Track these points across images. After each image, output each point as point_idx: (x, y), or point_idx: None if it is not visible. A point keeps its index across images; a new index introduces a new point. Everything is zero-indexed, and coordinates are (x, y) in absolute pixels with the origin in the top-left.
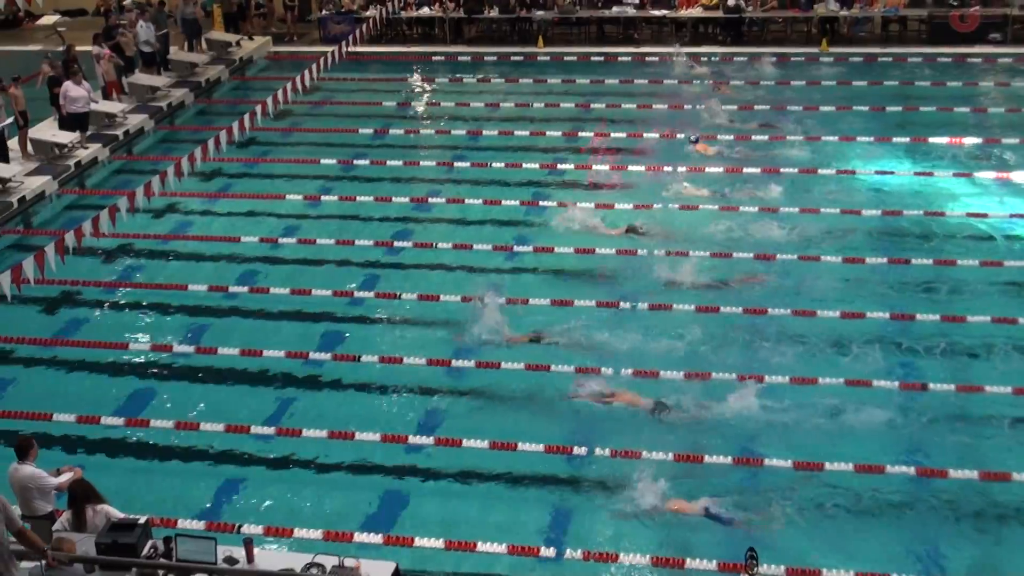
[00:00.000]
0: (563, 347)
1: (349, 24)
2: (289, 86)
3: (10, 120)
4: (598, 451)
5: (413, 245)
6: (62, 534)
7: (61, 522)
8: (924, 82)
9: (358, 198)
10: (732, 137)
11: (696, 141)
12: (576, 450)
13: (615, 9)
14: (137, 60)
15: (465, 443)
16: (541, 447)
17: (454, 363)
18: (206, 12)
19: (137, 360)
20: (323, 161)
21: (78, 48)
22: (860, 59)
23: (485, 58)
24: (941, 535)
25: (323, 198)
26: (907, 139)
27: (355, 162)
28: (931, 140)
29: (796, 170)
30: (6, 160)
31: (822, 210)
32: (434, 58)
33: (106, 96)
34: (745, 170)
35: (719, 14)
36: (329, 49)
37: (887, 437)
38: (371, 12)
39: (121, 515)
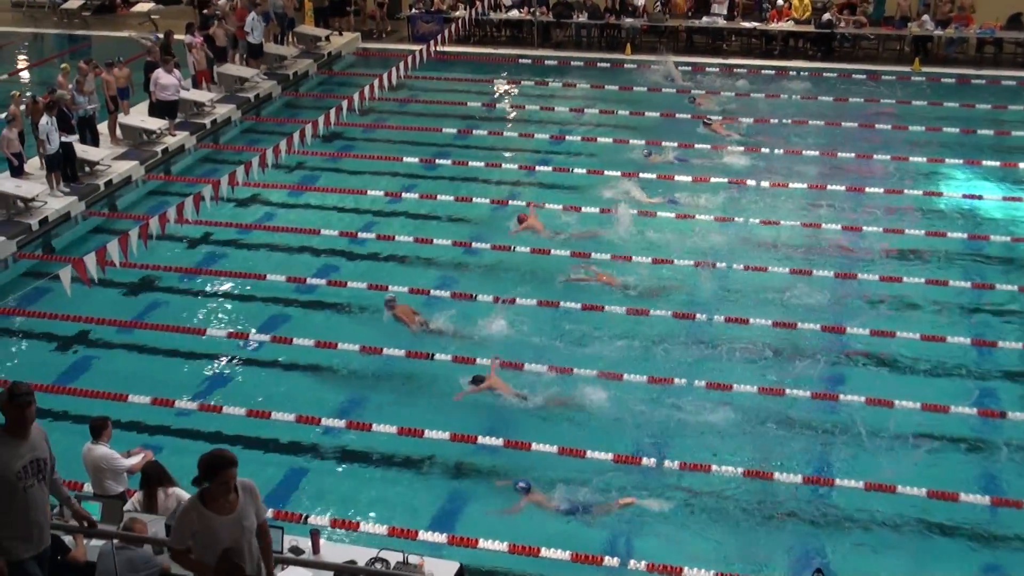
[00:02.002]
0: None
1: (438, 23)
2: (376, 83)
3: (93, 106)
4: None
5: (491, 247)
6: (133, 515)
7: (132, 503)
8: (1017, 106)
9: (438, 197)
10: (817, 153)
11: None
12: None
13: (705, 19)
14: (228, 50)
15: (534, 446)
16: (610, 455)
17: (527, 366)
18: (297, 6)
19: (213, 347)
20: (406, 159)
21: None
22: (952, 80)
23: (572, 63)
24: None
25: (404, 195)
26: (997, 163)
27: (437, 161)
28: (1022, 166)
29: (882, 190)
30: (96, 144)
31: (906, 231)
32: (521, 61)
33: (196, 85)
34: (829, 187)
35: (810, 29)
36: (417, 48)
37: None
38: (460, 12)
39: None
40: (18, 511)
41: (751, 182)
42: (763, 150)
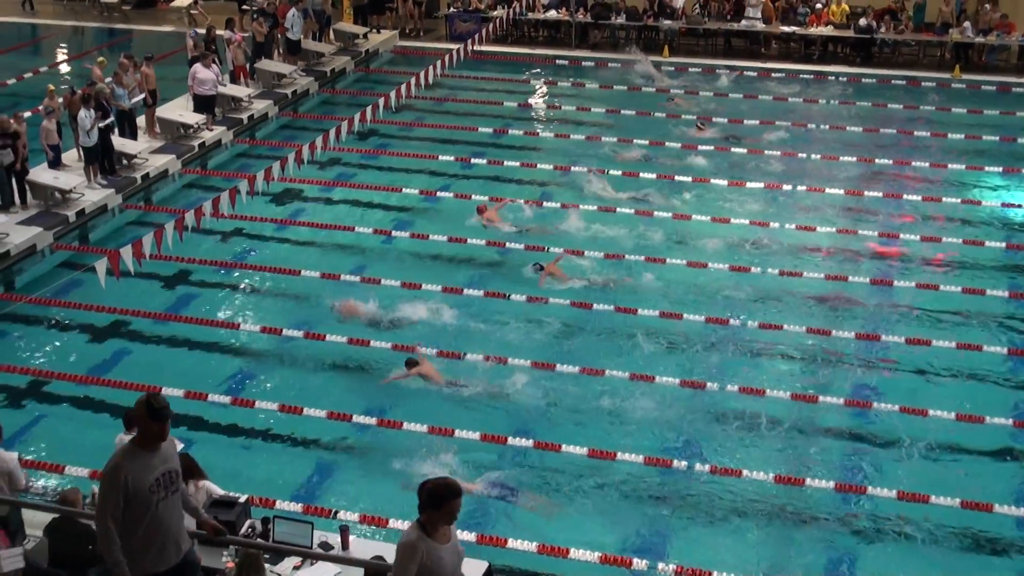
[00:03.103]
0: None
1: (476, 23)
2: (412, 81)
3: (140, 97)
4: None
5: (524, 248)
6: None
7: None
8: None
9: (473, 196)
10: (855, 159)
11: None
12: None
13: (743, 22)
14: (266, 48)
15: (564, 448)
16: (641, 457)
17: (559, 367)
18: (335, 3)
19: (247, 341)
20: (441, 157)
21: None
22: (993, 88)
23: (609, 64)
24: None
25: (439, 194)
26: None
27: (473, 160)
28: None
29: (920, 197)
30: (134, 137)
31: (944, 239)
32: (558, 61)
33: (234, 80)
34: (867, 193)
35: (850, 33)
36: (455, 47)
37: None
38: (498, 12)
39: (222, 492)
40: (151, 525)
41: (787, 186)
42: (800, 155)
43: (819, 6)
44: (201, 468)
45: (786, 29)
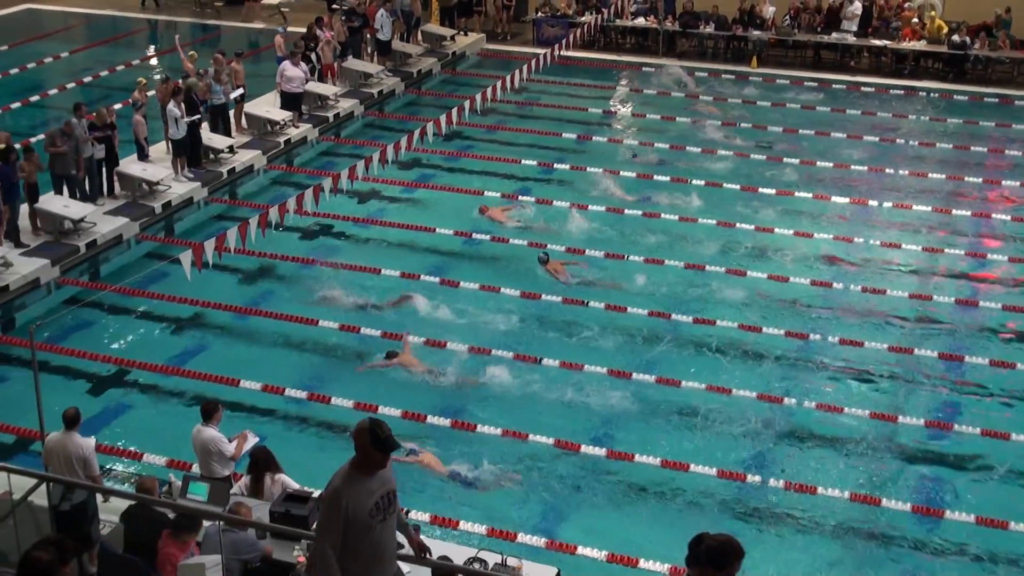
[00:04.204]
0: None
1: (563, 28)
2: (499, 84)
3: (238, 92)
4: None
5: (604, 255)
6: (239, 498)
7: (239, 487)
8: None
9: (555, 202)
10: (944, 176)
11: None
12: None
13: (834, 35)
14: (354, 47)
15: (637, 458)
16: (714, 470)
17: (634, 376)
18: (424, 5)
19: (324, 337)
20: (524, 161)
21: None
22: None
23: (696, 73)
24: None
25: (520, 198)
26: None
27: (555, 166)
28: None
29: (1008, 217)
30: (228, 133)
31: None
32: (644, 69)
33: (321, 78)
34: (955, 212)
35: (943, 49)
36: (541, 51)
37: None
38: (586, 18)
39: (297, 486)
40: (370, 548)
41: (872, 202)
42: (887, 170)
43: (914, 21)
44: (278, 462)
45: (877, 43)
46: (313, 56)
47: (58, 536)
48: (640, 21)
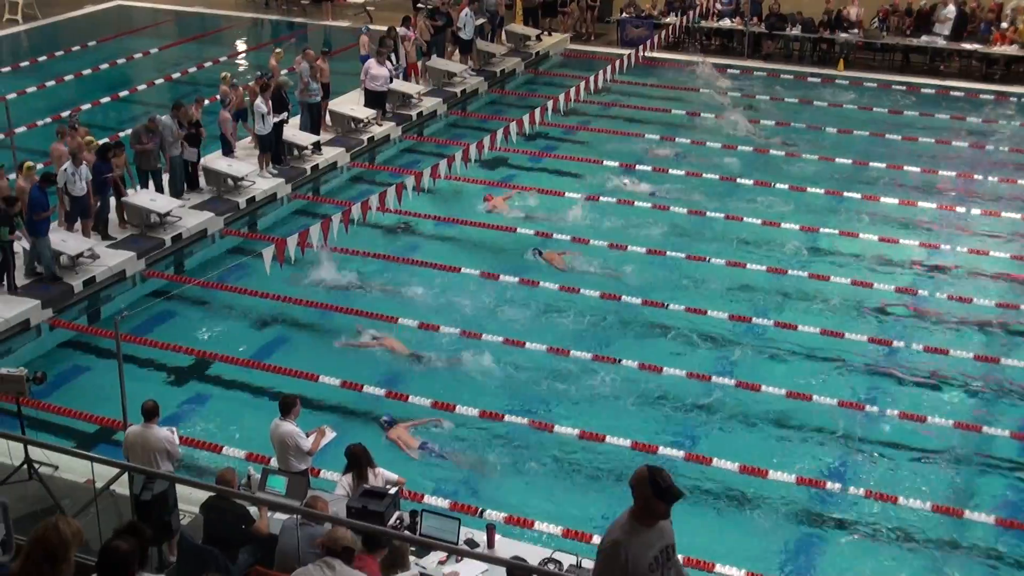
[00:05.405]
0: None
1: (647, 29)
2: (582, 85)
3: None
4: None
5: (686, 257)
6: (318, 493)
7: (343, 485)
8: None
9: (636, 203)
10: None
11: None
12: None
13: (924, 38)
14: (438, 46)
15: (715, 461)
16: (793, 476)
17: (714, 379)
18: (509, 5)
19: (403, 336)
20: (606, 163)
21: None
22: None
23: (781, 76)
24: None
25: (602, 199)
26: None
27: (637, 167)
28: None
29: None
30: (317, 130)
31: None
32: (729, 71)
33: (405, 77)
34: None
35: None
36: (625, 52)
37: None
38: (671, 19)
39: (395, 477)
40: None
41: (960, 208)
42: (976, 176)
43: (1004, 25)
44: (371, 456)
45: (968, 47)
46: (394, 56)
47: (134, 522)
48: (726, 22)
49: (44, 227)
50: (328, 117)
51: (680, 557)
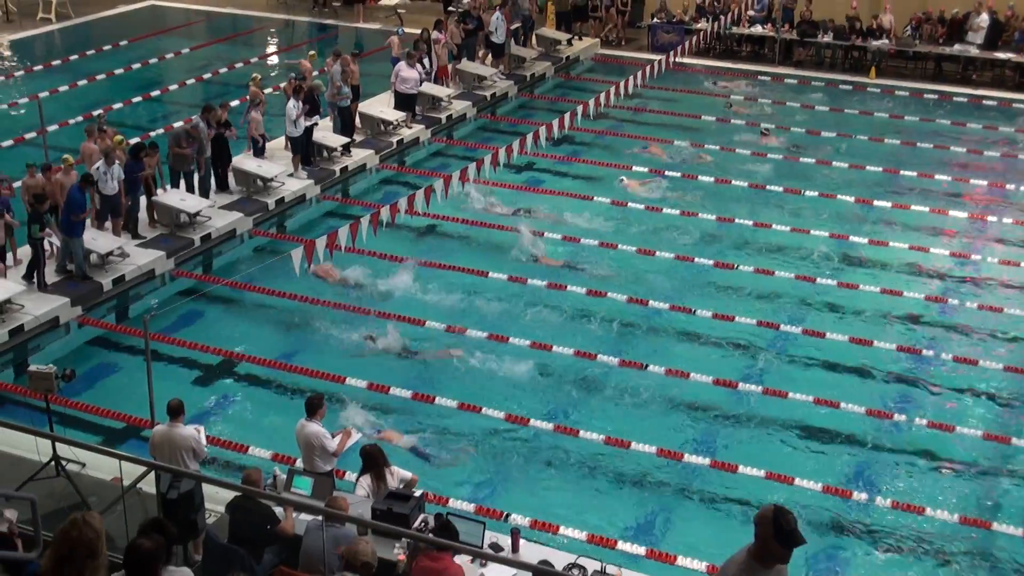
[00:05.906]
0: None
1: (679, 34)
2: (612, 90)
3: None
4: None
5: (714, 264)
6: (338, 493)
7: (363, 486)
8: None
9: (664, 210)
10: None
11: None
12: None
13: (957, 47)
14: (468, 50)
15: (741, 469)
16: (819, 485)
17: (741, 386)
18: (540, 9)
19: (432, 339)
20: (635, 168)
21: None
22: None
23: (812, 83)
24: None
25: (629, 205)
26: None
27: (666, 173)
28: None
29: None
30: (349, 133)
31: None
32: (760, 77)
33: (436, 80)
34: None
35: None
36: (656, 57)
37: None
38: (702, 25)
39: (410, 475)
40: None
41: (992, 218)
42: (1008, 186)
43: None
44: (386, 455)
45: (1002, 56)
46: (426, 60)
47: (158, 518)
48: (757, 29)
49: (80, 228)
50: (358, 119)
51: (703, 564)
